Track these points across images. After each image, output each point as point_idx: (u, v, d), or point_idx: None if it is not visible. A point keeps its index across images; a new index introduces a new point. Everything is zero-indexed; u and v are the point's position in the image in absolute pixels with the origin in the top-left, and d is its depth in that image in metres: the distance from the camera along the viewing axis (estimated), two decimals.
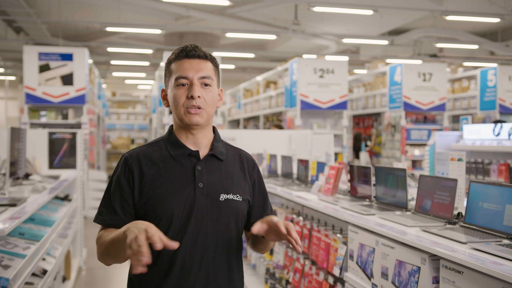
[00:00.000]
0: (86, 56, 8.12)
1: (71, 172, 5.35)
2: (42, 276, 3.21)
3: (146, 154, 1.57)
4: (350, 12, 10.58)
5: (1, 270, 2.39)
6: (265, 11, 12.12)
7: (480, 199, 2.12)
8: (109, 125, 16.63)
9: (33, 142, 5.29)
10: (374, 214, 2.66)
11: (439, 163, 2.68)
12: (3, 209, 2.70)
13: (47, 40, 13.56)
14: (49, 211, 3.90)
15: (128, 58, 16.58)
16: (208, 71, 1.57)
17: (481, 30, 13.93)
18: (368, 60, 14.80)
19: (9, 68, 17.82)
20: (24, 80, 7.87)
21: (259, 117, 11.24)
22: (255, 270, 4.58)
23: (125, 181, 1.54)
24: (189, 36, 13.97)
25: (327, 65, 8.35)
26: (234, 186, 1.59)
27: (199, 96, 1.53)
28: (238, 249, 1.61)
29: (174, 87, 1.56)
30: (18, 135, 3.65)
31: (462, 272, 1.79)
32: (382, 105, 9.43)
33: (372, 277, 2.42)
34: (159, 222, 1.49)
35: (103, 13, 12.53)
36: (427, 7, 10.89)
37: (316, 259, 3.11)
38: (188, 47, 1.58)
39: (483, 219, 2.09)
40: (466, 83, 9.93)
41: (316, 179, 3.83)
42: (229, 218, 1.56)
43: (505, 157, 5.56)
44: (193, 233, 1.51)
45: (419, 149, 8.79)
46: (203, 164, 1.57)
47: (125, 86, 22.44)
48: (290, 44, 15.67)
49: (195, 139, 1.59)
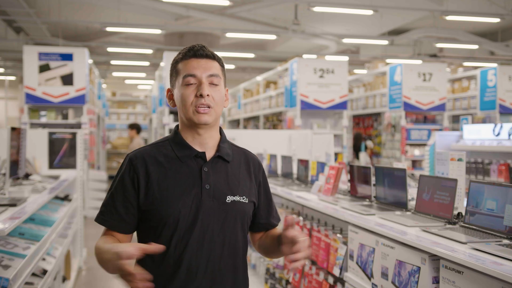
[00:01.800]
0: (86, 56, 8.11)
1: (71, 172, 5.35)
2: (42, 276, 3.21)
3: (151, 155, 1.55)
4: (350, 12, 10.58)
5: (1, 270, 2.39)
6: (265, 11, 12.12)
7: (480, 199, 2.12)
8: (109, 125, 16.62)
9: (33, 142, 5.29)
10: (374, 214, 2.66)
11: (439, 163, 2.68)
12: (3, 209, 2.70)
13: (47, 40, 13.56)
14: (49, 211, 3.90)
15: (128, 58, 16.58)
16: (216, 70, 1.56)
17: (481, 30, 13.92)
18: (368, 60, 14.80)
19: (9, 68, 17.82)
20: (24, 80, 7.87)
21: (259, 117, 11.24)
22: (255, 270, 4.58)
23: (130, 182, 1.52)
24: (189, 36, 13.97)
25: (327, 65, 8.35)
26: (240, 188, 1.58)
27: (208, 95, 1.52)
28: (244, 251, 1.61)
29: (182, 86, 1.53)
30: (18, 135, 3.65)
31: (462, 272, 1.79)
32: (382, 105, 9.43)
33: (372, 277, 2.42)
34: (165, 224, 1.49)
35: (103, 13, 12.53)
36: (427, 7, 10.89)
37: (316, 259, 3.11)
38: (196, 47, 1.57)
39: (483, 219, 2.09)
40: (466, 83, 9.93)
41: (316, 179, 3.84)
42: (236, 220, 1.55)
43: (505, 157, 5.55)
44: (199, 235, 1.49)
45: (419, 149, 8.79)
46: (210, 165, 1.56)
47: (125, 86, 22.43)
48: (290, 44, 15.67)
49: (202, 140, 1.57)
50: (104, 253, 1.40)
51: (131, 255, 1.28)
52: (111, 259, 1.31)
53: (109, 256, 1.34)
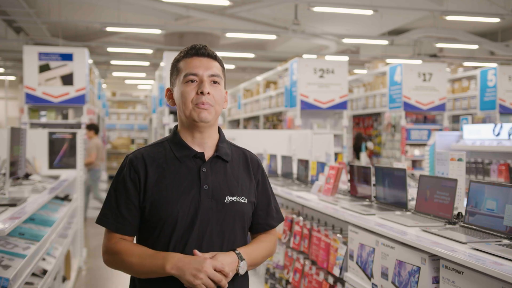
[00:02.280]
0: (86, 56, 8.11)
1: (71, 172, 5.35)
2: (42, 276, 3.21)
3: (151, 155, 1.56)
4: (350, 12, 10.58)
5: (1, 270, 2.39)
6: (265, 11, 12.12)
7: (480, 199, 2.12)
8: (109, 125, 16.62)
9: (33, 142, 5.29)
10: (374, 214, 2.66)
11: (439, 163, 2.68)
12: (3, 209, 2.70)
13: (47, 40, 13.56)
14: (49, 211, 3.90)
15: (128, 58, 16.58)
16: (217, 70, 1.57)
17: (481, 30, 13.92)
18: (368, 60, 14.80)
19: (9, 68, 17.82)
20: (24, 80, 7.87)
21: (259, 117, 11.24)
22: (255, 270, 4.58)
23: (131, 183, 1.52)
24: (189, 36, 13.97)
25: (327, 65, 8.35)
26: (239, 188, 1.58)
27: (208, 93, 1.52)
28: None
29: (183, 84, 1.54)
30: (18, 135, 3.65)
31: (462, 272, 1.79)
32: (382, 105, 9.43)
33: (372, 277, 2.42)
34: (163, 225, 1.49)
35: (103, 13, 12.53)
36: (427, 7, 10.89)
37: (316, 259, 3.11)
38: (198, 46, 1.57)
39: (483, 219, 2.09)
40: (466, 83, 9.93)
41: (316, 179, 3.84)
42: (235, 221, 1.55)
43: (505, 157, 5.55)
44: (198, 236, 1.50)
45: (419, 149, 8.79)
46: (208, 165, 1.56)
47: (125, 86, 22.44)
48: (290, 44, 15.67)
49: (201, 140, 1.57)
50: (158, 260, 1.46)
51: (217, 276, 1.43)
52: (190, 270, 1.40)
53: (181, 265, 1.42)
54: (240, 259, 1.50)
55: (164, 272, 1.42)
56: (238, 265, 1.48)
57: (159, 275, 1.44)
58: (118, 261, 1.50)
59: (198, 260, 1.41)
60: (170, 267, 1.41)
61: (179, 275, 1.40)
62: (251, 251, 1.56)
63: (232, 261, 1.47)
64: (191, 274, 1.38)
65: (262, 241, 1.64)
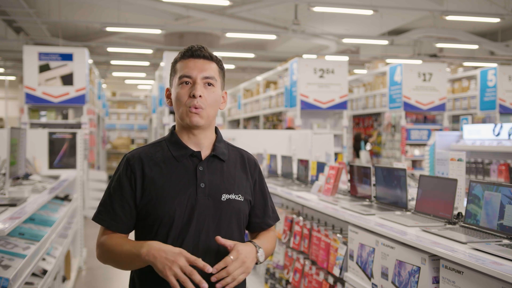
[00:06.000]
0: (86, 56, 8.12)
1: (71, 172, 5.35)
2: (42, 276, 3.21)
3: (148, 155, 1.58)
4: (350, 12, 10.59)
5: (1, 270, 2.39)
6: (265, 11, 12.13)
7: (480, 199, 2.12)
8: (109, 125, 16.62)
9: (33, 142, 5.29)
10: (374, 214, 2.66)
11: (439, 163, 2.68)
12: (3, 209, 2.70)
13: (47, 40, 13.56)
14: (49, 211, 3.90)
15: (128, 58, 16.59)
16: (212, 71, 1.57)
17: (481, 30, 13.92)
18: (368, 60, 14.81)
19: (9, 68, 17.82)
20: (24, 80, 7.87)
21: (259, 117, 11.25)
22: (255, 270, 4.58)
23: (127, 182, 1.54)
24: (189, 36, 13.97)
25: (327, 65, 8.35)
26: (236, 186, 1.60)
27: (200, 96, 1.53)
28: None
29: (178, 86, 1.56)
30: (18, 135, 3.65)
31: (462, 272, 1.79)
32: (382, 105, 9.44)
33: (372, 277, 2.42)
34: (160, 223, 1.51)
35: (103, 13, 12.53)
36: (427, 7, 10.89)
37: (316, 259, 3.11)
38: (194, 47, 1.58)
39: (483, 219, 2.09)
40: (466, 83, 9.93)
41: (316, 179, 3.83)
42: (231, 219, 1.57)
43: (505, 157, 5.55)
44: (194, 234, 1.51)
45: (419, 149, 8.79)
46: (205, 164, 1.58)
47: (125, 86, 22.44)
48: (290, 44, 15.67)
49: (197, 140, 1.59)
50: (135, 248, 1.44)
51: (187, 267, 1.38)
52: (165, 259, 1.37)
53: (156, 254, 1.39)
54: (257, 247, 1.52)
55: (140, 258, 1.41)
56: (257, 254, 1.51)
57: (138, 263, 1.44)
58: (105, 253, 1.53)
59: (174, 252, 1.39)
60: (145, 253, 1.40)
61: (152, 263, 1.40)
62: (261, 243, 1.59)
63: (251, 250, 1.49)
64: (162, 263, 1.38)
65: (265, 236, 1.67)
